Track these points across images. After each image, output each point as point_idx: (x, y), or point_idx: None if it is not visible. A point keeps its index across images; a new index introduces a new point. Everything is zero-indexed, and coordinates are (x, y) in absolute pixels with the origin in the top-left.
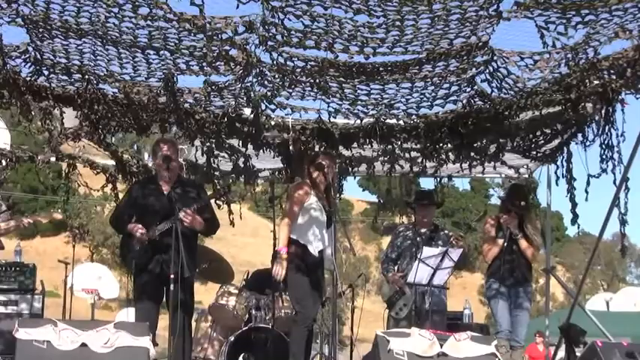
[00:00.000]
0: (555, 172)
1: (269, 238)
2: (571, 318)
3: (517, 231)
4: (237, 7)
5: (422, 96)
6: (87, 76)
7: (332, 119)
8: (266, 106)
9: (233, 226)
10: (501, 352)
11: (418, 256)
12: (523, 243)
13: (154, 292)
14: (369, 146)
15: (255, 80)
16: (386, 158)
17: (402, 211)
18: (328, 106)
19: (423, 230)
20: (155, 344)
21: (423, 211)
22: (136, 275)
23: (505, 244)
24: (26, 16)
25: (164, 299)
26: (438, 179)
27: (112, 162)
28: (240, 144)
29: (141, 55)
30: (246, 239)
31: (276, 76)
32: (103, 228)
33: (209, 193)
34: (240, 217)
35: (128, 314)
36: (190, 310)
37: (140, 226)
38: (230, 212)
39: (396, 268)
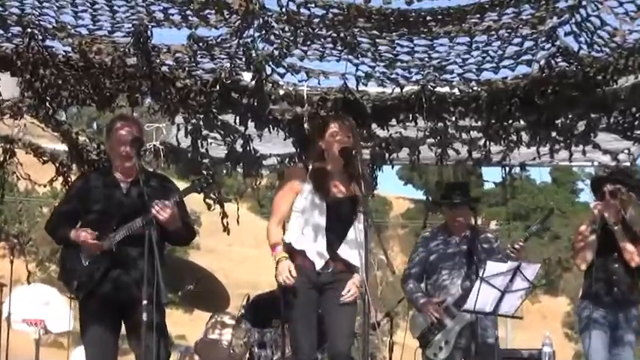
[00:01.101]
0: None
1: None
2: None
3: (616, 219)
4: None
5: (484, 55)
6: (29, 30)
7: (362, 87)
8: (272, 69)
9: (228, 233)
10: None
11: (480, 275)
12: (628, 246)
13: (109, 322)
14: (413, 124)
15: (257, 34)
16: (436, 140)
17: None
18: (357, 70)
19: (455, 239)
20: None
21: (454, 211)
22: (82, 300)
23: (596, 241)
24: None
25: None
26: (507, 169)
27: (63, 147)
28: (238, 121)
29: (103, 0)
30: (245, 251)
31: (287, 28)
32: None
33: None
34: (238, 222)
35: None
36: (166, 349)
37: (89, 230)
38: (224, 215)
39: (423, 286)
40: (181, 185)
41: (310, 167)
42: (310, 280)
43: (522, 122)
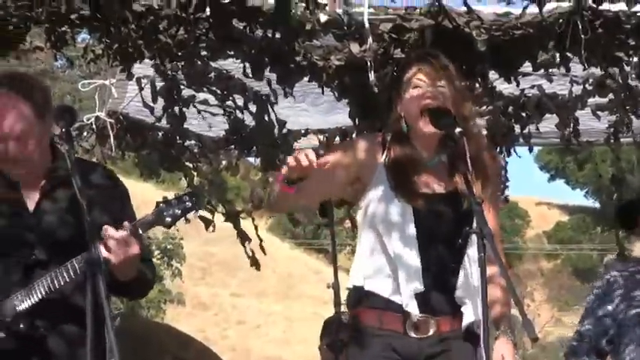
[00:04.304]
0: None
1: (324, 301)
2: None
3: None
4: None
5: None
6: None
7: (471, 5)
8: None
9: (257, 268)
10: None
11: None
12: None
13: None
14: (563, 71)
15: None
16: (607, 101)
17: None
18: None
19: None
20: None
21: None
22: None
23: None
24: None
25: None
26: None
27: None
28: (249, 70)
29: None
30: (266, 305)
31: None
32: None
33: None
34: (264, 251)
35: None
36: None
37: None
38: (242, 238)
39: None
40: (145, 189)
41: (383, 141)
42: (399, 352)
43: None
